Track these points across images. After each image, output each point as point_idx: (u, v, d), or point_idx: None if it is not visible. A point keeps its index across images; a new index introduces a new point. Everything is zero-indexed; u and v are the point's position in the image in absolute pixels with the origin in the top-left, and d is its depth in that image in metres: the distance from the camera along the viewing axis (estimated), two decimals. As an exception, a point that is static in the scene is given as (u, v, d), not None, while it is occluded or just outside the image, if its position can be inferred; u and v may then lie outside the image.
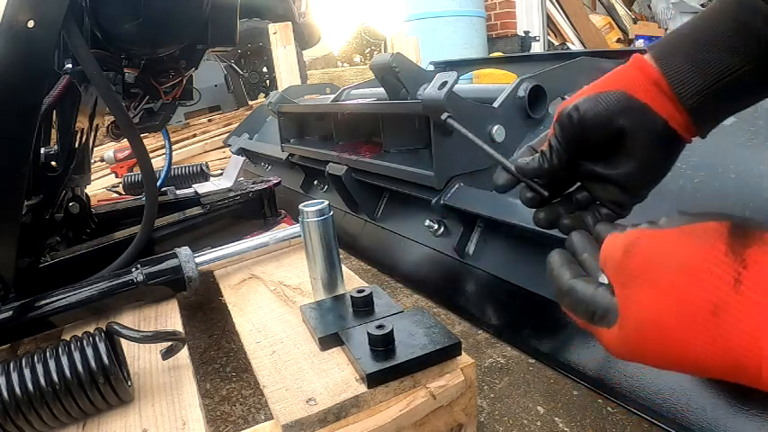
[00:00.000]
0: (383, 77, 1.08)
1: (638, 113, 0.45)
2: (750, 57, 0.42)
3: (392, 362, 0.55)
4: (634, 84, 0.46)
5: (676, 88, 0.44)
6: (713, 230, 0.30)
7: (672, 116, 0.45)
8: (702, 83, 0.43)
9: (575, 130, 0.47)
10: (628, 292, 0.34)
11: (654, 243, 0.33)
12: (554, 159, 0.50)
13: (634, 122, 0.45)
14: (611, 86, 0.47)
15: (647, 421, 0.61)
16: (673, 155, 0.48)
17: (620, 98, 0.46)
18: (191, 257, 0.82)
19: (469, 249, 0.96)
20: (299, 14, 4.53)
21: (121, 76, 0.84)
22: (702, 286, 0.29)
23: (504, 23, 4.53)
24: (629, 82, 0.46)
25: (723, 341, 0.28)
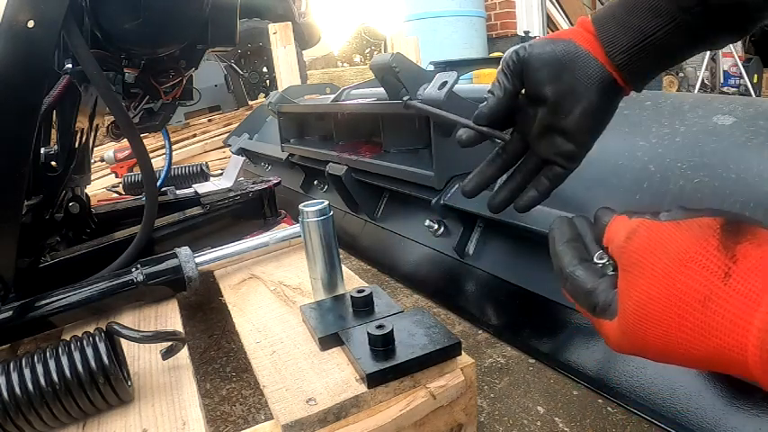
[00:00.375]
0: (383, 77, 1.08)
1: (580, 56, 0.52)
2: (671, 17, 0.47)
3: (392, 362, 0.55)
4: (577, 35, 0.52)
5: (606, 47, 0.51)
6: (707, 226, 0.32)
7: (608, 64, 0.51)
8: (628, 41, 0.49)
9: (520, 65, 0.54)
10: (628, 277, 0.35)
11: (653, 233, 0.34)
12: (500, 93, 0.56)
13: (575, 63, 0.52)
14: (556, 37, 0.54)
15: (647, 421, 0.61)
16: (612, 100, 0.54)
17: (565, 43, 0.53)
18: (191, 257, 0.82)
19: (469, 249, 0.96)
20: (299, 14, 4.53)
21: (121, 76, 0.84)
22: (694, 277, 0.31)
23: (504, 23, 4.53)
24: (573, 34, 0.53)
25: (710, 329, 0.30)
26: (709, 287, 0.30)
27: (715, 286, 0.30)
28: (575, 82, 0.52)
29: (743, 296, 0.28)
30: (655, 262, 0.33)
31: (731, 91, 4.06)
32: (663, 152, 0.75)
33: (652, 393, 0.61)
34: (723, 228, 0.31)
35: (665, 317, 0.32)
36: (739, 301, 0.29)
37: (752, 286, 0.28)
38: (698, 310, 0.30)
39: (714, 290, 0.30)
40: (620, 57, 0.50)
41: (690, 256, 0.31)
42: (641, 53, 0.49)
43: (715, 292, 0.30)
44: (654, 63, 0.51)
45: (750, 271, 0.29)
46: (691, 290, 0.31)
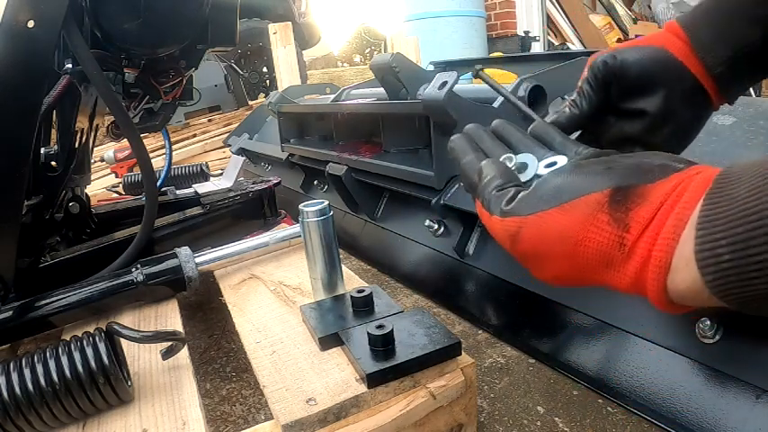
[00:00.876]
0: (383, 77, 1.08)
1: (673, 67, 0.47)
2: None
3: (392, 362, 0.55)
4: (670, 43, 0.48)
5: (703, 58, 0.46)
6: (594, 202, 0.33)
7: (703, 76, 0.47)
8: (727, 52, 0.45)
9: (608, 76, 0.49)
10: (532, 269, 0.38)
11: (538, 229, 0.35)
12: (584, 105, 0.50)
13: (668, 75, 0.47)
14: (647, 43, 0.48)
15: (647, 421, 0.61)
16: (701, 117, 0.50)
17: (657, 52, 0.47)
18: (191, 257, 0.82)
19: (469, 249, 0.96)
20: (299, 14, 4.53)
21: (121, 76, 0.84)
22: (593, 256, 0.33)
23: (504, 23, 4.53)
24: (665, 41, 0.48)
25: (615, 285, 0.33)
26: (609, 258, 0.33)
27: (614, 256, 0.32)
28: (668, 98, 0.47)
29: (638, 257, 0.31)
30: (550, 250, 0.35)
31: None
32: (663, 152, 0.75)
33: (652, 393, 0.61)
34: (611, 199, 0.33)
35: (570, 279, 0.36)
36: (636, 262, 0.32)
37: (644, 246, 0.31)
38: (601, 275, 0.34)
39: (613, 258, 0.33)
40: (719, 68, 0.46)
41: (583, 236, 0.33)
42: (738, 64, 0.46)
43: (614, 260, 0.32)
44: (749, 75, 0.48)
45: (641, 233, 0.31)
46: (592, 265, 0.34)
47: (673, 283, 0.30)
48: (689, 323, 0.60)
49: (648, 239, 0.31)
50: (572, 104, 0.51)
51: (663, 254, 0.30)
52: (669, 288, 0.31)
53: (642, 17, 5.49)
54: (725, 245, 0.27)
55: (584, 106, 0.50)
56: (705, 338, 0.58)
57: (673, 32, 0.48)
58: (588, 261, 0.34)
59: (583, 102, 0.50)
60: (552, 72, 1.00)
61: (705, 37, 0.46)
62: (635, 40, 0.50)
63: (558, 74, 1.01)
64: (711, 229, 0.27)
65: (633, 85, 0.48)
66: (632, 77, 0.48)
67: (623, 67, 0.48)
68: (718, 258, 0.27)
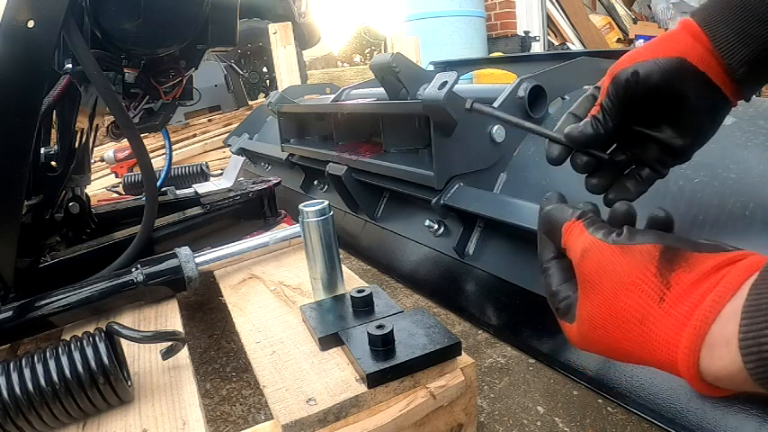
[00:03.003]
0: (383, 77, 1.08)
1: (697, 81, 0.46)
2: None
3: (392, 362, 0.55)
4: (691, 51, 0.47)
5: (726, 59, 0.45)
6: (648, 252, 0.36)
7: (724, 83, 0.47)
8: (749, 53, 0.45)
9: (632, 93, 0.48)
10: (582, 290, 0.40)
11: (602, 255, 0.38)
12: (608, 123, 0.50)
13: (692, 89, 0.47)
14: (669, 52, 0.47)
15: (647, 421, 0.61)
16: (721, 119, 0.50)
17: (680, 65, 0.46)
18: (191, 257, 0.82)
19: (469, 249, 0.96)
20: (299, 14, 4.53)
21: (121, 76, 0.84)
22: (635, 300, 0.36)
23: (504, 23, 4.53)
24: (685, 48, 0.47)
25: (647, 345, 0.35)
26: (647, 309, 0.35)
27: (651, 308, 0.35)
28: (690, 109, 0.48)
29: (673, 318, 0.33)
30: (602, 282, 0.38)
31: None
32: (663, 152, 0.75)
33: (652, 393, 0.61)
34: (661, 255, 0.35)
35: (611, 331, 0.37)
36: (670, 323, 0.33)
37: (681, 309, 0.33)
38: (637, 328, 0.35)
39: (650, 311, 0.35)
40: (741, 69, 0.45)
41: (631, 280, 0.36)
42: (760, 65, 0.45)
43: (651, 313, 0.35)
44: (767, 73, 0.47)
45: (680, 296, 0.33)
46: (631, 310, 0.36)
47: (708, 359, 0.31)
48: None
49: (688, 305, 0.33)
50: (595, 122, 0.51)
51: (701, 324, 0.32)
52: (702, 364, 0.32)
53: (642, 17, 5.49)
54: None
55: (607, 125, 0.50)
56: (705, 338, 0.58)
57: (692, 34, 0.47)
58: (627, 309, 0.36)
59: (606, 120, 0.50)
60: (552, 72, 1.00)
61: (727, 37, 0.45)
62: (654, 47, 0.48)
63: (558, 74, 1.01)
64: (758, 316, 0.29)
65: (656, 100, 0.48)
66: (655, 95, 0.48)
67: (646, 85, 0.47)
68: (761, 347, 0.28)
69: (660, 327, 0.34)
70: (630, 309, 0.36)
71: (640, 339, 0.35)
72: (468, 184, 0.94)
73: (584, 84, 1.06)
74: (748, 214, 0.62)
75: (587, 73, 1.08)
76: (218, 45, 0.91)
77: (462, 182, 0.94)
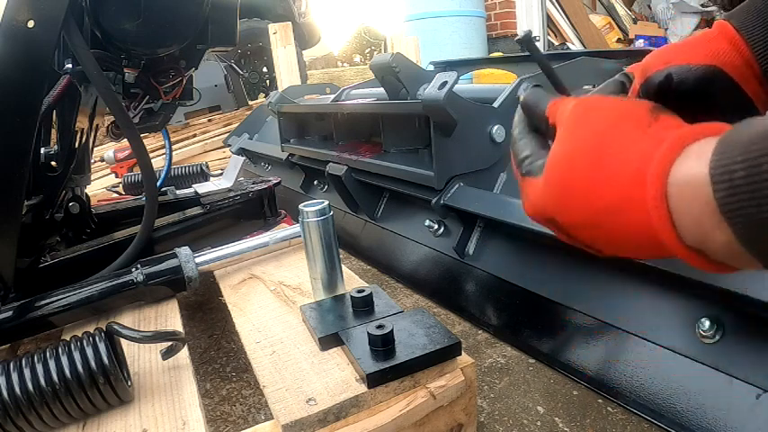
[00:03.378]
0: (383, 77, 1.08)
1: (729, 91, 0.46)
2: None
3: (392, 362, 0.55)
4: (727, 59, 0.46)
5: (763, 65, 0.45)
6: (642, 101, 0.37)
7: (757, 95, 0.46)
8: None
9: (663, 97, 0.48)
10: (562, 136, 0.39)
11: (593, 100, 0.39)
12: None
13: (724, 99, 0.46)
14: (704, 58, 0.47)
15: (647, 421, 0.61)
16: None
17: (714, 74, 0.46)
18: (191, 257, 0.82)
19: (469, 249, 0.96)
20: (299, 14, 4.53)
21: (121, 76, 0.84)
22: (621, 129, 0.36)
23: (504, 23, 4.53)
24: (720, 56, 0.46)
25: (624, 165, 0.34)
26: (633, 136, 0.35)
27: (637, 134, 0.35)
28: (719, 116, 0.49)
29: (654, 139, 0.33)
30: (591, 119, 0.38)
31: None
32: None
33: (652, 393, 0.61)
34: (654, 105, 0.36)
35: (586, 166, 0.36)
36: (650, 143, 0.33)
37: (663, 134, 0.33)
38: (617, 154, 0.35)
39: (636, 136, 0.35)
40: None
41: (623, 113, 0.37)
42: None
43: (637, 137, 0.35)
44: None
45: (666, 126, 0.34)
46: (617, 139, 0.35)
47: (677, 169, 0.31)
48: (689, 323, 0.60)
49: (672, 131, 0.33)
50: None
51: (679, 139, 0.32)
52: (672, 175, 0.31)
53: (642, 17, 5.48)
54: (740, 161, 0.27)
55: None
56: (705, 338, 0.58)
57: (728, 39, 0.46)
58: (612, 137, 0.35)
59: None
60: (552, 72, 1.00)
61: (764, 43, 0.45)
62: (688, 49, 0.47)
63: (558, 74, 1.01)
64: (729, 147, 0.28)
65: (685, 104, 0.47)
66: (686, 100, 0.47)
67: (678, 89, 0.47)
68: (733, 175, 0.27)
69: (641, 146, 0.34)
70: (615, 138, 0.35)
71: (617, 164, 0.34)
72: (468, 184, 0.94)
73: (584, 84, 1.05)
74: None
75: (587, 73, 1.08)
76: (218, 45, 0.91)
77: (462, 182, 0.94)
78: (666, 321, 0.63)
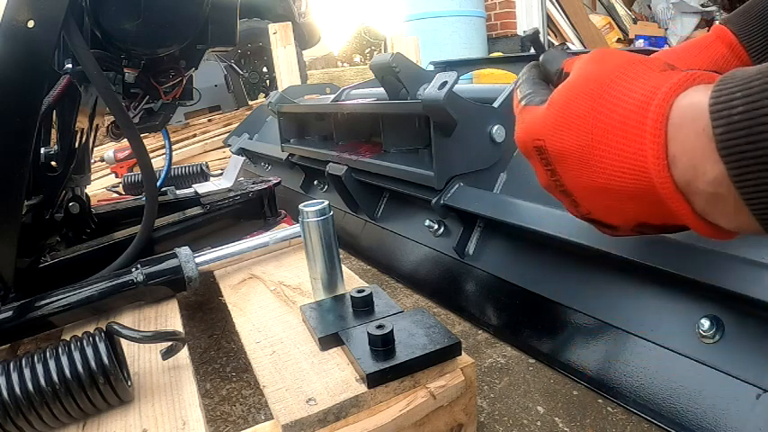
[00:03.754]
0: (383, 77, 1.08)
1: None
2: None
3: (392, 362, 0.55)
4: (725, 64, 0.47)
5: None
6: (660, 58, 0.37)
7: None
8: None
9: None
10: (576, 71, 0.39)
11: (611, 50, 0.39)
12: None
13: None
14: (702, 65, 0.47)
15: (647, 421, 0.61)
16: None
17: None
18: (191, 257, 0.82)
19: (469, 249, 0.96)
20: (299, 14, 4.53)
21: (121, 76, 0.84)
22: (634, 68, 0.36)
23: (504, 23, 4.53)
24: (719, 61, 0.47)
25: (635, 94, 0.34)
26: (645, 73, 0.35)
27: (650, 72, 0.35)
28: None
29: (665, 76, 0.33)
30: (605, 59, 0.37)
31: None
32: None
33: (652, 393, 0.61)
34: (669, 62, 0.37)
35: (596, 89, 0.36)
36: (661, 79, 0.33)
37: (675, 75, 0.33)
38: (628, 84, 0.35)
39: (648, 74, 0.35)
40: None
41: (641, 58, 0.36)
42: None
43: (649, 75, 0.35)
44: None
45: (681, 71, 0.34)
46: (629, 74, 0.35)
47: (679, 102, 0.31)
48: (689, 323, 0.60)
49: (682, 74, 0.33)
50: None
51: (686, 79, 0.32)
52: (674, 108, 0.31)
53: (642, 17, 5.48)
54: (739, 97, 0.27)
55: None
56: (705, 338, 0.58)
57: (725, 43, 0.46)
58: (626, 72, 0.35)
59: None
60: (552, 72, 1.00)
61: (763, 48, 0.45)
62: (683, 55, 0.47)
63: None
64: (729, 82, 0.28)
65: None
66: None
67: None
68: (731, 111, 0.27)
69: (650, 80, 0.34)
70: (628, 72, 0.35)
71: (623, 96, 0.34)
72: (468, 184, 0.94)
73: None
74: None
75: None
76: (218, 45, 0.91)
77: (462, 182, 0.94)
78: (666, 321, 0.63)
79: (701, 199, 0.30)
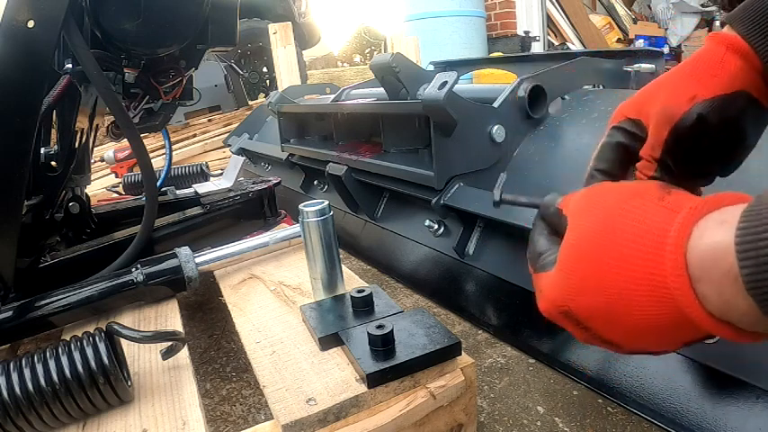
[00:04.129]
0: (383, 77, 1.08)
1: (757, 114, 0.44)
2: None
3: (392, 362, 0.55)
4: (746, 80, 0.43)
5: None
6: (650, 183, 0.37)
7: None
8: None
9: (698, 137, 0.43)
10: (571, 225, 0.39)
11: (605, 185, 0.39)
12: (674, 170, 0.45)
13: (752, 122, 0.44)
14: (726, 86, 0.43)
15: (647, 421, 0.61)
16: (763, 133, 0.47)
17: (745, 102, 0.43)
18: (191, 257, 0.82)
19: (469, 249, 0.96)
20: (299, 14, 4.52)
21: (121, 76, 0.84)
22: (633, 206, 0.35)
23: (504, 23, 4.53)
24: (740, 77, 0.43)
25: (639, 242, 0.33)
26: (645, 210, 0.34)
27: (650, 208, 0.34)
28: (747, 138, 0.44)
29: (669, 210, 0.33)
30: (603, 200, 0.37)
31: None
32: (663, 152, 0.75)
33: (652, 393, 0.61)
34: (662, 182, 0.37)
35: (599, 251, 0.35)
36: (665, 214, 0.33)
37: (678, 205, 0.33)
38: (631, 229, 0.34)
39: (649, 211, 0.34)
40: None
41: (634, 192, 0.36)
42: None
43: (650, 211, 0.34)
44: None
45: (681, 195, 0.34)
46: (629, 216, 0.35)
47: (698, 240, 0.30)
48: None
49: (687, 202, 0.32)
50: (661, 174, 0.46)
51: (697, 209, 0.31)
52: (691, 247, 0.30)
53: (642, 17, 5.49)
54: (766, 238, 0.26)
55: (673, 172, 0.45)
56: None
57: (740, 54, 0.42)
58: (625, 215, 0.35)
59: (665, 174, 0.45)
60: (552, 72, 1.00)
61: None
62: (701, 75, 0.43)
63: (557, 74, 1.01)
64: (756, 218, 0.27)
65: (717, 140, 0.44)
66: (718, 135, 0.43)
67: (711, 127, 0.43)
68: (760, 251, 0.27)
69: (655, 219, 0.33)
70: (627, 213, 0.34)
71: (632, 243, 0.33)
72: (468, 184, 0.94)
73: (584, 84, 1.05)
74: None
75: (587, 73, 1.08)
76: (218, 45, 0.91)
77: (462, 182, 0.94)
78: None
79: (739, 321, 0.30)
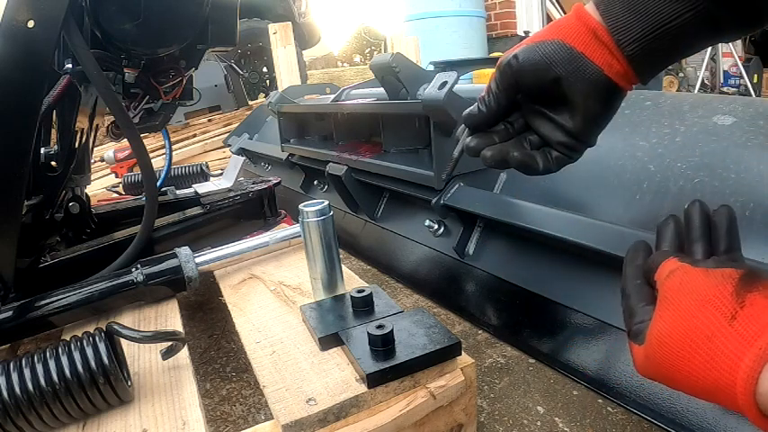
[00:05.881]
0: (383, 77, 1.08)
1: (574, 63, 0.46)
2: (690, 4, 0.42)
3: (392, 362, 0.55)
4: (571, 33, 0.46)
5: (616, 36, 0.45)
6: (728, 275, 0.36)
7: (608, 65, 0.46)
8: (642, 30, 0.44)
9: (513, 78, 0.49)
10: (659, 310, 0.39)
11: (685, 275, 0.39)
12: (492, 104, 0.52)
13: (570, 72, 0.46)
14: (549, 36, 0.47)
15: (647, 421, 0.61)
16: (612, 103, 0.49)
17: (557, 48, 0.46)
18: (191, 257, 0.82)
19: (469, 249, 0.96)
20: (299, 14, 4.52)
21: (121, 76, 0.84)
22: (707, 316, 0.35)
23: (504, 23, 4.53)
24: (567, 31, 0.47)
25: (712, 363, 0.34)
26: (717, 326, 0.34)
27: (721, 325, 0.34)
28: (570, 91, 0.47)
29: (741, 336, 0.33)
30: (681, 300, 0.37)
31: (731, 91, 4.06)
32: (663, 152, 0.75)
33: (652, 393, 0.61)
34: (741, 277, 0.35)
35: (678, 348, 0.36)
36: (737, 341, 0.33)
37: (751, 329, 0.32)
38: (704, 344, 0.34)
39: (720, 329, 0.34)
40: (631, 46, 0.44)
41: (707, 297, 0.36)
42: (654, 43, 0.44)
43: (720, 330, 0.34)
44: (665, 55, 0.46)
45: (752, 316, 0.33)
46: (702, 326, 0.35)
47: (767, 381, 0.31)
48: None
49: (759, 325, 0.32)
50: (481, 102, 0.53)
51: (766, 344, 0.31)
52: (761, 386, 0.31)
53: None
54: None
55: (492, 105, 0.52)
56: (705, 338, 0.58)
57: (577, 18, 0.47)
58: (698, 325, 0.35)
59: (491, 101, 0.52)
60: (552, 72, 1.00)
61: (618, 13, 0.44)
62: (541, 32, 0.49)
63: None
64: None
65: (536, 85, 0.48)
66: (533, 79, 0.48)
67: (523, 70, 0.48)
68: None
69: (726, 344, 0.33)
70: (701, 325, 0.35)
71: (705, 357, 0.34)
72: (468, 184, 0.94)
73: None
74: (748, 214, 0.62)
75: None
76: (218, 45, 0.91)
77: (462, 182, 0.94)
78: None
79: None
